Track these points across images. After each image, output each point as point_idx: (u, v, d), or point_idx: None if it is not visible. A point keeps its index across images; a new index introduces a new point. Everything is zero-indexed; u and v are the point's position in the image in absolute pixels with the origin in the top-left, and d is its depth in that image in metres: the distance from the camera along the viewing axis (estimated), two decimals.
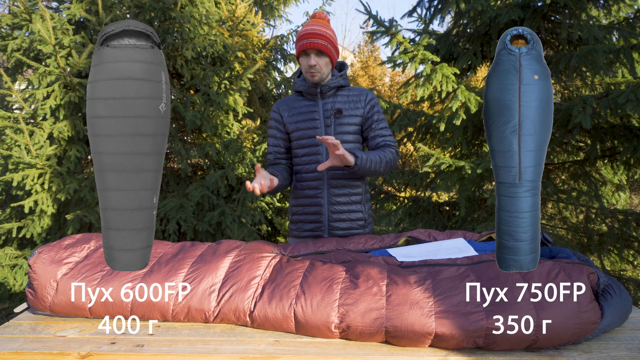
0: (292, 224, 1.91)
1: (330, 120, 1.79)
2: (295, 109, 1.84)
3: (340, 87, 1.83)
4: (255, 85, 3.81)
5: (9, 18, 3.05)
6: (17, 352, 1.14)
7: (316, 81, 1.77)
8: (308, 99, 1.83)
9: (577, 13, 2.89)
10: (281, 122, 1.86)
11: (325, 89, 1.80)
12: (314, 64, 1.73)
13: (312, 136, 1.80)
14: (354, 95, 1.82)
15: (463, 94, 2.76)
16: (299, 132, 1.82)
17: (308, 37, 1.73)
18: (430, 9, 3.48)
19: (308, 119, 1.81)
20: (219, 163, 3.43)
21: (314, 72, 1.75)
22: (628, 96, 2.41)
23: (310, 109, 1.81)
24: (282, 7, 4.42)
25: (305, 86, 1.81)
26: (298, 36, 1.77)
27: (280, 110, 1.86)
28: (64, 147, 3.07)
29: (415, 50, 2.81)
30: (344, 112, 1.79)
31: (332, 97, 1.81)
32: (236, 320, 1.30)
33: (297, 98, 1.86)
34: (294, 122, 1.83)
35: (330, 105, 1.80)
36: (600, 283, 1.22)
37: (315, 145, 1.80)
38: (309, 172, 1.81)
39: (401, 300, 1.20)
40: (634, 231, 3.07)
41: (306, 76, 1.78)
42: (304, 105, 1.83)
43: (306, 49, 1.73)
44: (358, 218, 1.83)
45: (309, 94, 1.82)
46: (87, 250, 1.44)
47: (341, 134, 1.78)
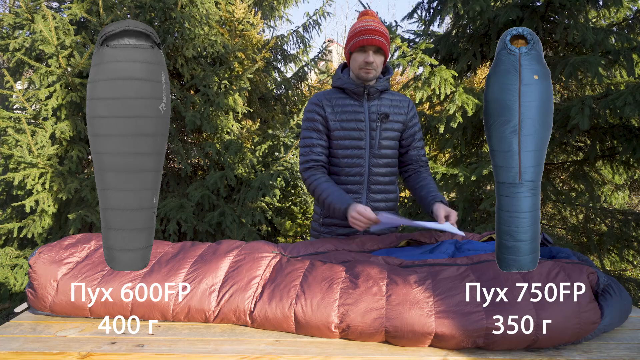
0: (323, 227, 1.81)
1: (376, 124, 1.72)
2: (339, 107, 1.73)
3: (385, 91, 1.78)
4: (255, 85, 3.81)
5: (10, 17, 3.05)
6: (18, 352, 1.14)
7: (370, 78, 1.69)
8: (353, 99, 1.74)
9: (575, 14, 2.89)
10: (324, 117, 1.73)
11: (373, 91, 1.72)
12: (372, 61, 1.65)
13: (355, 138, 1.72)
14: (397, 100, 1.78)
15: (460, 97, 2.77)
16: (342, 131, 1.72)
17: (369, 33, 1.64)
18: (430, 10, 3.48)
19: (353, 120, 1.72)
20: (219, 163, 3.43)
21: (370, 70, 1.67)
22: (626, 99, 2.41)
23: (355, 109, 1.73)
24: (282, 8, 4.43)
25: (352, 84, 1.72)
26: (355, 31, 1.68)
27: (324, 104, 1.73)
28: (65, 147, 3.07)
29: (413, 54, 2.82)
30: (390, 117, 1.74)
31: (378, 100, 1.75)
32: (236, 320, 1.30)
33: (340, 95, 1.75)
34: (338, 120, 1.72)
35: (376, 108, 1.73)
36: (600, 283, 1.22)
37: (358, 149, 1.72)
38: (349, 176, 1.74)
39: (401, 300, 1.20)
40: (634, 231, 3.07)
41: (358, 73, 1.69)
42: (348, 104, 1.73)
43: (365, 45, 1.64)
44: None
45: (355, 93, 1.73)
46: (88, 250, 1.44)
47: (386, 139, 1.73)
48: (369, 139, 1.72)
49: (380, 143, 1.73)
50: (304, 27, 4.49)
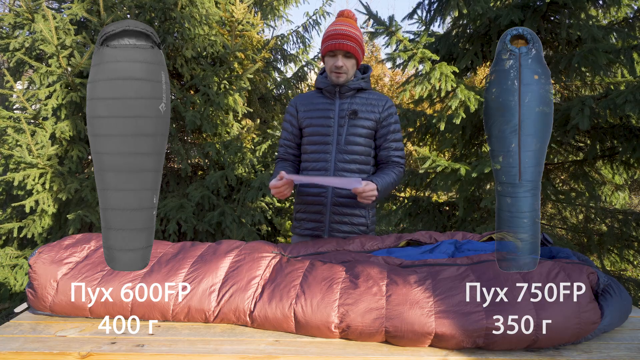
0: (295, 222, 1.90)
1: (344, 120, 1.77)
2: (312, 105, 1.83)
3: (361, 90, 1.81)
4: (255, 85, 3.81)
5: (11, 17, 3.05)
6: (18, 352, 1.14)
7: (341, 82, 1.76)
8: (326, 97, 1.82)
9: (576, 13, 2.89)
10: (296, 116, 1.85)
11: (344, 90, 1.78)
12: (340, 65, 1.71)
13: (323, 134, 1.78)
14: (373, 99, 1.81)
15: (463, 93, 2.75)
16: (311, 128, 1.81)
17: (337, 38, 1.70)
18: (430, 10, 3.48)
19: (323, 117, 1.79)
20: (219, 163, 3.43)
21: (340, 73, 1.73)
22: (627, 97, 2.41)
23: (326, 107, 1.80)
24: (282, 8, 4.42)
25: (326, 84, 1.80)
26: (325, 35, 1.74)
27: (298, 104, 1.86)
28: (65, 147, 3.07)
29: (414, 49, 2.81)
30: (359, 114, 1.77)
31: (350, 98, 1.79)
32: (236, 320, 1.30)
33: (317, 95, 1.85)
34: (309, 117, 1.82)
35: (347, 105, 1.78)
36: (600, 283, 1.22)
37: (325, 144, 1.78)
38: (316, 170, 1.79)
39: (401, 300, 1.20)
40: (634, 231, 3.07)
41: (330, 76, 1.76)
42: (321, 102, 1.82)
43: (334, 50, 1.71)
44: (360, 223, 1.81)
45: (328, 92, 1.81)
46: (88, 250, 1.44)
47: (353, 136, 1.76)
48: (336, 135, 1.77)
49: (347, 139, 1.76)
50: (303, 27, 4.49)
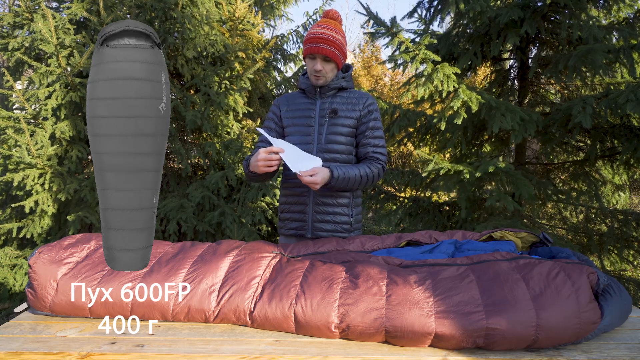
0: (280, 222, 1.91)
1: (324, 119, 1.79)
2: (294, 105, 1.85)
3: (342, 89, 1.84)
4: (255, 85, 3.81)
5: (10, 17, 3.05)
6: (18, 352, 1.14)
7: (319, 84, 1.79)
8: (308, 97, 1.85)
9: (577, 13, 2.89)
10: (278, 115, 1.88)
11: (325, 89, 1.81)
12: (319, 69, 1.74)
13: (304, 133, 1.80)
14: (354, 97, 1.82)
15: (465, 93, 2.75)
16: (293, 127, 1.83)
17: (316, 41, 1.71)
18: (430, 9, 3.48)
19: (304, 116, 1.81)
20: (219, 163, 3.43)
21: (319, 77, 1.76)
22: (628, 96, 2.41)
23: (307, 107, 1.83)
24: (282, 7, 4.42)
25: (307, 84, 1.83)
26: (306, 37, 1.76)
27: (280, 104, 1.88)
28: (65, 147, 3.07)
29: (416, 50, 2.81)
30: (340, 113, 1.78)
31: (331, 98, 1.82)
32: (236, 320, 1.30)
33: (299, 95, 1.88)
34: (290, 117, 1.84)
35: (328, 105, 1.80)
36: (600, 283, 1.22)
37: (306, 144, 1.79)
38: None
39: (401, 300, 1.20)
40: (634, 231, 3.07)
41: (310, 78, 1.79)
42: (302, 102, 1.84)
43: (313, 53, 1.73)
44: (343, 222, 1.81)
45: (309, 92, 1.83)
46: (87, 250, 1.44)
47: (334, 134, 1.78)
48: (317, 134, 1.78)
49: (328, 138, 1.77)
50: (303, 27, 4.49)
